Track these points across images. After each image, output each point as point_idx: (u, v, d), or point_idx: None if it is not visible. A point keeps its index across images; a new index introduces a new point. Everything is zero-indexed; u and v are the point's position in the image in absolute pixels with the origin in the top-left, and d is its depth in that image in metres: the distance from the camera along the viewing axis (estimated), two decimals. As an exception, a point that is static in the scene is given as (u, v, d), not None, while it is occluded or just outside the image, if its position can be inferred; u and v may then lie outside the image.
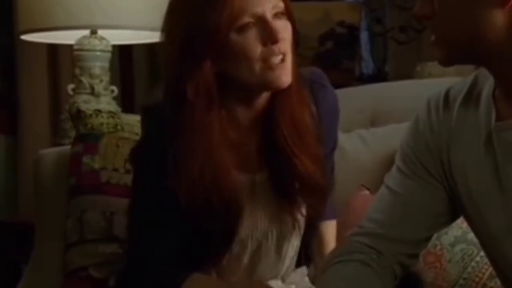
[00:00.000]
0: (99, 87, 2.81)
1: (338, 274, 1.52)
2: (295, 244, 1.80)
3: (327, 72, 1.84)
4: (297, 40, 1.71)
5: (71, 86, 2.86)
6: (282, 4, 1.66)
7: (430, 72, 3.11)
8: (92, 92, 2.81)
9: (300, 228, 1.78)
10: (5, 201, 3.47)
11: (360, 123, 2.33)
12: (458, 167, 1.50)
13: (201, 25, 1.62)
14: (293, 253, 1.81)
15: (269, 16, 1.63)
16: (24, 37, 2.84)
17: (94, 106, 2.40)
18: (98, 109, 2.24)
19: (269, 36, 1.63)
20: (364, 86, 2.79)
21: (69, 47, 2.99)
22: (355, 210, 2.05)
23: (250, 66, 1.63)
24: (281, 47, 1.64)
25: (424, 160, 1.54)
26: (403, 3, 3.89)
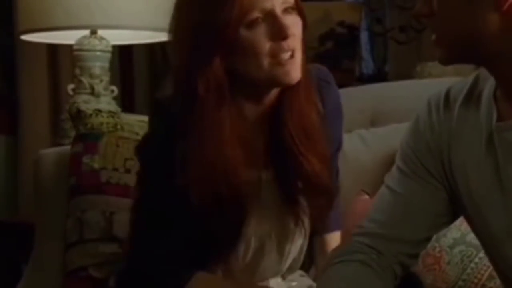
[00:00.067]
0: (99, 87, 2.81)
1: (339, 274, 1.52)
2: (299, 244, 1.78)
3: (327, 72, 1.84)
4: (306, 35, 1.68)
5: (71, 86, 2.86)
6: None
7: (430, 72, 3.11)
8: (92, 92, 2.81)
9: (306, 229, 1.76)
10: (5, 201, 3.47)
11: (360, 123, 2.33)
12: (459, 167, 1.50)
13: (210, 20, 1.60)
14: (296, 253, 1.79)
15: (278, 11, 1.61)
16: (24, 37, 2.84)
17: (94, 106, 2.40)
18: (98, 108, 2.24)
19: (278, 32, 1.61)
20: (364, 86, 2.79)
21: (69, 47, 2.99)
22: (354, 215, 2.04)
23: (259, 62, 1.61)
24: (290, 43, 1.62)
25: (425, 160, 1.54)
26: (403, 3, 3.89)
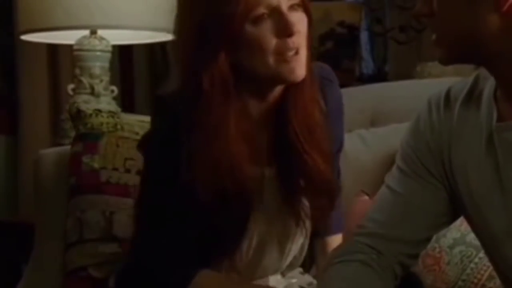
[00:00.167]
0: (99, 87, 2.81)
1: (339, 274, 1.52)
2: (300, 243, 1.78)
3: (327, 72, 1.84)
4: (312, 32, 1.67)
5: (71, 86, 2.85)
6: None
7: (430, 72, 3.11)
8: (92, 92, 2.81)
9: (307, 229, 1.76)
10: (5, 201, 3.47)
11: (360, 123, 2.33)
12: (459, 167, 1.50)
13: (216, 15, 1.60)
14: (297, 252, 1.79)
15: (284, 8, 1.60)
16: (24, 37, 2.83)
17: (94, 106, 2.39)
18: (98, 108, 2.24)
19: (284, 29, 1.60)
20: (364, 86, 2.79)
21: (69, 47, 2.99)
22: (354, 215, 2.04)
23: (264, 58, 1.61)
24: (295, 41, 1.61)
25: (425, 160, 1.54)
26: (403, 3, 3.89)
